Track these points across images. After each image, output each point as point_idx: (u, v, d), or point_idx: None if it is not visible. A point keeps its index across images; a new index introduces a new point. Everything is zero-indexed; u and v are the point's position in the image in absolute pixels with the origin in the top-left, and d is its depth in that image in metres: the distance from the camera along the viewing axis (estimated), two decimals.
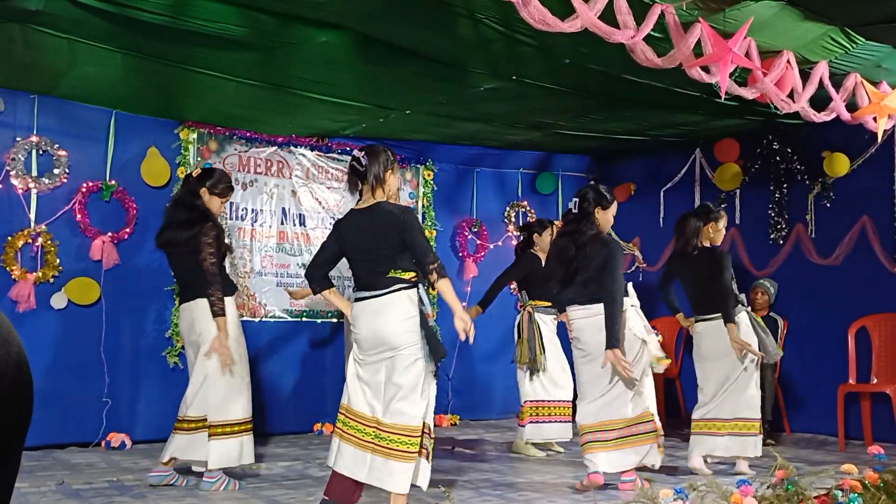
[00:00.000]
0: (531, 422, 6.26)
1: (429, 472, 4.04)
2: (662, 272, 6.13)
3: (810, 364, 7.18)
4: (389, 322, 4.00)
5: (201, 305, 4.87)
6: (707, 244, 5.68)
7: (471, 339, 4.01)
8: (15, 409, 0.67)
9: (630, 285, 5.15)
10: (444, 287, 3.97)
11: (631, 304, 5.10)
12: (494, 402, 8.36)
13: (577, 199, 5.10)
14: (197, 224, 4.86)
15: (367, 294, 4.06)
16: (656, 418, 5.06)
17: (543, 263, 6.33)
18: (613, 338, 4.78)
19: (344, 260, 4.23)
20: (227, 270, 5.16)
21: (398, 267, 4.02)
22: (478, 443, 6.89)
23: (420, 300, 4.02)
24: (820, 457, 6.06)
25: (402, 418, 3.95)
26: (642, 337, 5.03)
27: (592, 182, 8.94)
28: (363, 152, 4.11)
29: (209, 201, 4.99)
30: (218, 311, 4.82)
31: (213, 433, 4.81)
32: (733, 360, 5.49)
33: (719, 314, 5.54)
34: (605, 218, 5.11)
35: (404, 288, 4.01)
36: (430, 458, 4.06)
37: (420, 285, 4.04)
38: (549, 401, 6.29)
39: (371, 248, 4.05)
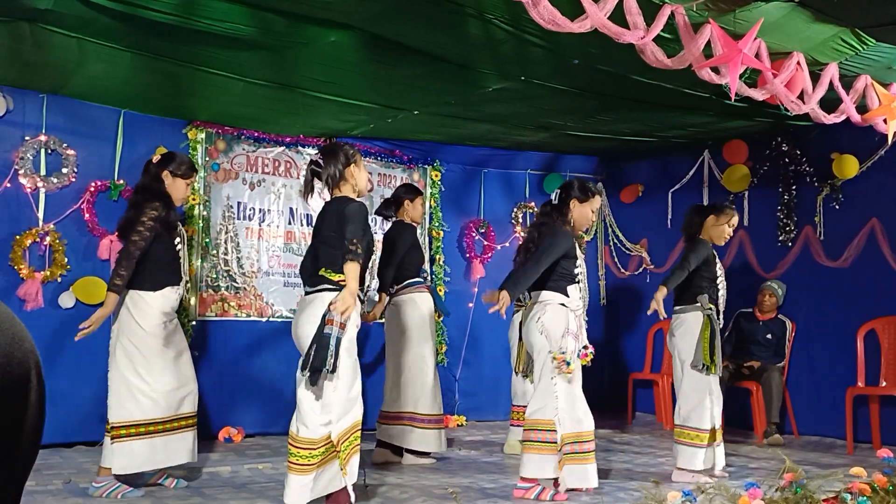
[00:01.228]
0: None
1: (321, 488, 4.02)
2: None
3: (818, 366, 7.15)
4: (301, 324, 3.99)
5: (132, 296, 4.74)
6: (706, 239, 5.64)
7: (343, 318, 3.90)
8: (16, 409, 0.65)
9: (577, 287, 4.91)
10: (347, 269, 3.91)
11: (570, 305, 4.87)
12: (501, 403, 8.32)
13: (558, 191, 5.07)
14: (143, 204, 4.75)
15: (304, 290, 4.11)
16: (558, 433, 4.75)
17: None
18: (510, 282, 4.72)
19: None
20: (186, 261, 5.00)
21: (329, 266, 3.99)
22: (484, 444, 6.88)
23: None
24: (828, 460, 6.04)
25: (298, 428, 3.98)
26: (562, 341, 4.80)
27: (599, 185, 8.94)
28: (319, 154, 4.17)
29: (172, 184, 4.90)
30: (116, 286, 4.63)
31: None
32: (679, 361, 5.45)
33: (679, 307, 5.51)
34: (582, 212, 4.97)
35: (328, 290, 3.98)
36: (339, 470, 4.03)
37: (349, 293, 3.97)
38: None
39: (315, 242, 4.12)
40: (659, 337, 8.39)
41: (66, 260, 6.07)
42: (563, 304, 4.84)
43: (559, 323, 4.79)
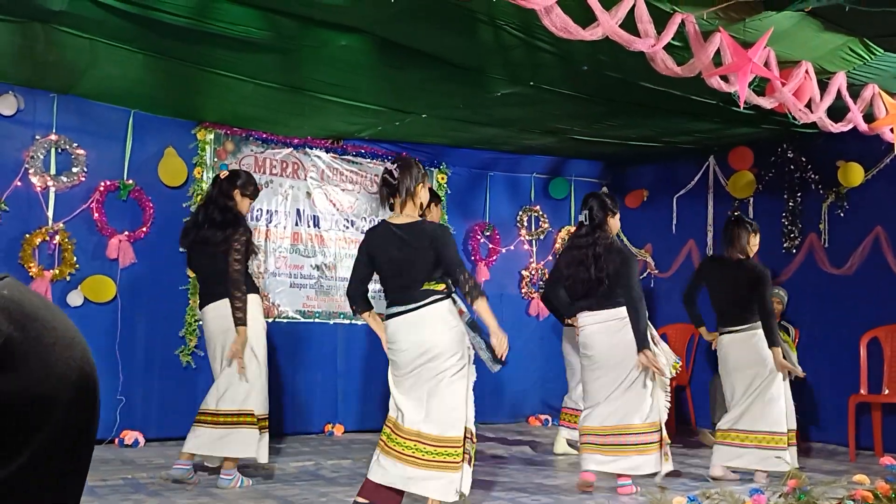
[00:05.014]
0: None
1: (470, 477, 4.09)
2: (690, 280, 6.06)
3: (822, 374, 7.17)
4: (433, 333, 4.05)
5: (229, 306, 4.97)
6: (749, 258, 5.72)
7: (503, 358, 4.16)
8: (79, 415, 0.69)
9: None
10: (481, 307, 4.04)
11: None
12: (504, 407, 8.37)
13: (586, 211, 5.17)
14: (231, 226, 4.95)
15: (403, 308, 4.09)
16: (663, 428, 5.13)
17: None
18: (642, 340, 4.92)
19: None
20: (250, 271, 5.25)
21: (431, 279, 4.09)
22: (488, 446, 6.90)
23: (455, 305, 4.12)
24: (831, 467, 6.05)
25: (445, 429, 4.01)
26: (653, 347, 5.08)
27: (604, 189, 8.97)
28: (395, 165, 4.15)
29: (240, 202, 5.09)
30: (240, 320, 4.89)
31: (263, 426, 4.96)
32: (759, 371, 5.52)
33: (747, 326, 5.56)
34: (615, 224, 5.28)
35: (440, 299, 4.07)
36: (473, 462, 4.13)
37: (454, 294, 4.13)
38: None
39: (409, 265, 4.11)
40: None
41: (74, 259, 6.10)
42: None
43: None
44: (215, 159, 6.80)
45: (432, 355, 4.02)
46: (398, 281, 4.12)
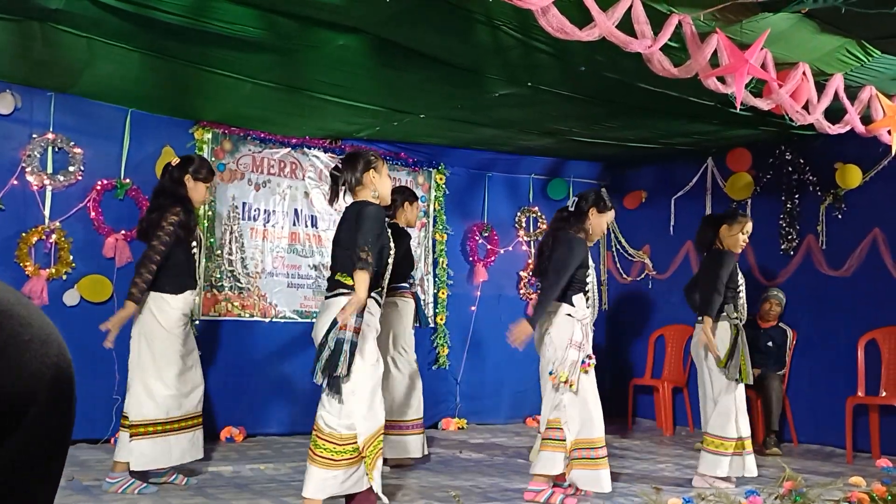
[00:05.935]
0: None
1: (327, 480, 4.03)
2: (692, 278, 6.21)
3: (819, 375, 7.17)
4: (319, 328, 4.05)
5: (154, 298, 4.85)
6: (721, 247, 5.71)
7: (343, 323, 3.95)
8: (56, 413, 0.69)
9: (582, 297, 4.99)
10: (357, 278, 3.93)
11: (576, 315, 4.91)
12: (502, 407, 8.37)
13: (575, 199, 5.12)
14: (165, 208, 4.82)
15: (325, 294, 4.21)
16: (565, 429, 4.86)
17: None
18: (536, 315, 4.84)
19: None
20: (200, 265, 5.13)
21: (344, 270, 4.05)
22: (486, 447, 6.90)
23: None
24: (828, 469, 6.06)
25: (327, 423, 4.02)
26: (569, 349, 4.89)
27: (603, 190, 8.97)
28: (340, 160, 4.31)
29: (194, 188, 4.99)
30: (134, 296, 4.73)
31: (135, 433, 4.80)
32: (707, 371, 5.52)
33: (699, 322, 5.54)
34: (599, 222, 5.06)
35: (344, 294, 4.03)
36: (348, 467, 4.04)
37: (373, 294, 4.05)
38: None
39: (333, 246, 4.22)
40: (660, 343, 8.41)
41: (71, 258, 6.09)
42: (569, 315, 4.88)
43: (564, 335, 4.85)
44: (213, 159, 6.79)
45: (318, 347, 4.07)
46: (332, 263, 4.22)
